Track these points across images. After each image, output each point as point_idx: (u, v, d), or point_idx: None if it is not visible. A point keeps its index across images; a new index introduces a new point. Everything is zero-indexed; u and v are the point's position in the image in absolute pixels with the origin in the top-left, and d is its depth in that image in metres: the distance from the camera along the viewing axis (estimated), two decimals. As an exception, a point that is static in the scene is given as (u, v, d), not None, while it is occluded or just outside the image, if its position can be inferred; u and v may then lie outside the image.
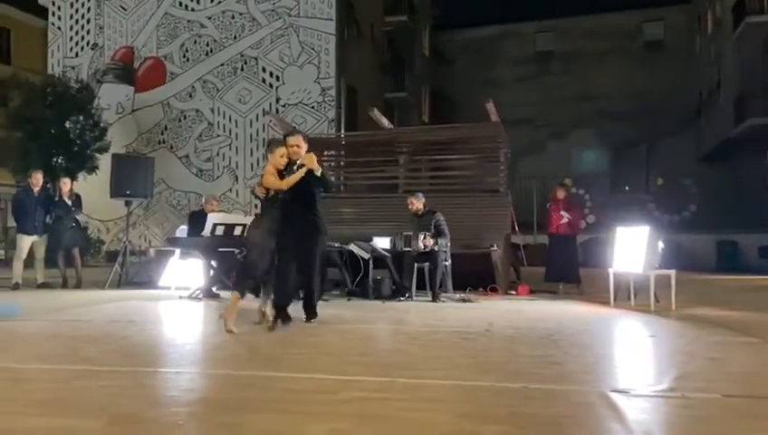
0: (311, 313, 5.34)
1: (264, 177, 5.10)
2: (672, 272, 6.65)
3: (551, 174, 23.88)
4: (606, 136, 26.86)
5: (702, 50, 26.29)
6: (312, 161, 5.10)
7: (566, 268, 8.79)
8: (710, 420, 2.58)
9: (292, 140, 5.28)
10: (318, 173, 5.16)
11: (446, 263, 7.95)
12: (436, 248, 7.64)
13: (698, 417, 2.61)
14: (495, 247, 8.43)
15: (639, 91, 26.55)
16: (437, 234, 7.70)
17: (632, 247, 6.90)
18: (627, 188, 23.02)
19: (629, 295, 7.06)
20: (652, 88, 26.30)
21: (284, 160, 5.14)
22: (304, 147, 5.28)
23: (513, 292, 8.61)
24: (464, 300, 7.56)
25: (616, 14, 28.15)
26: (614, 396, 2.85)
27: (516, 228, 9.62)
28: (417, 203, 7.99)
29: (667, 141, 25.62)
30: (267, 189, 5.07)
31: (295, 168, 5.11)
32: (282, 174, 5.09)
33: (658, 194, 24.38)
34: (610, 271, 7.19)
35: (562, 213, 8.89)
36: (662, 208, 23.03)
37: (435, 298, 7.56)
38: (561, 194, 9.12)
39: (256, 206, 5.51)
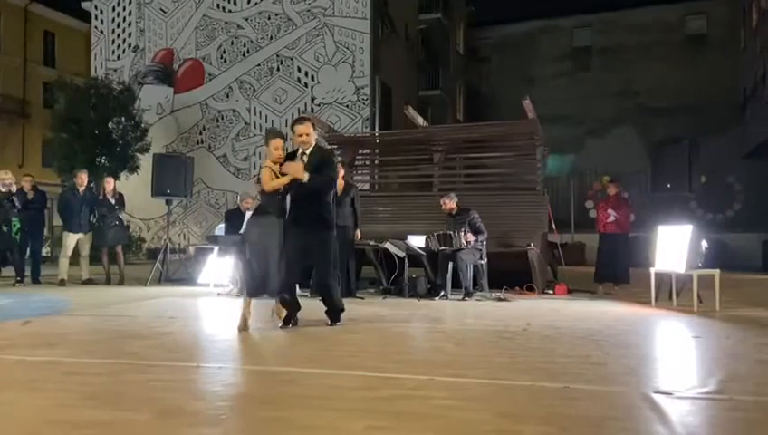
0: (333, 316, 5.12)
1: (263, 175, 4.91)
2: (716, 271, 6.48)
3: (589, 172, 23.53)
4: (646, 132, 26.27)
5: (747, 43, 25.47)
6: (297, 171, 4.77)
7: (615, 268, 8.55)
8: (759, 423, 2.51)
9: (300, 128, 5.00)
10: (305, 180, 4.79)
11: (482, 262, 7.89)
12: (470, 245, 7.59)
13: (746, 420, 2.54)
14: (532, 246, 8.33)
15: (681, 86, 25.87)
16: (475, 232, 7.68)
17: (674, 247, 6.74)
18: (668, 185, 22.42)
19: (671, 295, 6.90)
20: (695, 83, 25.61)
21: (279, 154, 4.90)
22: (314, 133, 5.03)
23: (551, 291, 8.50)
24: (500, 299, 7.51)
25: (657, 7, 27.46)
26: (658, 398, 2.80)
27: (554, 227, 9.48)
28: (450, 203, 7.97)
29: (710, 138, 24.86)
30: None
31: (303, 157, 4.94)
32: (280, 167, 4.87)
33: (701, 192, 23.72)
34: (652, 270, 7.04)
35: (609, 211, 8.66)
36: (705, 207, 22.43)
37: (466, 295, 7.49)
38: (612, 190, 8.83)
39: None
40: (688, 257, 6.46)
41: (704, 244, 6.77)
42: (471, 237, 7.58)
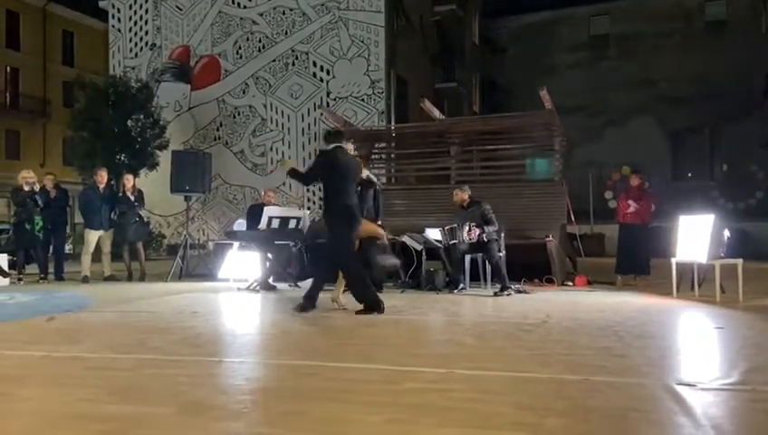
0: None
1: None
2: (739, 261, 6.39)
3: (608, 162, 23.28)
4: (666, 122, 25.89)
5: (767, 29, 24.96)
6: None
7: (636, 260, 8.45)
8: (784, 415, 2.48)
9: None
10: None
11: (500, 254, 7.83)
12: (485, 238, 7.49)
13: (772, 412, 2.51)
14: (551, 237, 8.26)
15: (701, 74, 25.41)
16: (485, 222, 7.55)
17: (696, 236, 6.65)
18: (689, 175, 22.12)
19: (693, 286, 6.81)
20: (715, 70, 25.12)
21: None
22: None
23: (570, 283, 8.44)
24: (519, 291, 7.45)
25: (675, -6, 27.00)
26: (680, 389, 2.77)
27: (573, 218, 9.40)
28: (462, 194, 7.88)
29: (731, 126, 24.50)
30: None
31: None
32: None
33: (723, 181, 23.36)
34: (673, 261, 6.95)
35: (629, 202, 8.57)
36: (727, 195, 22.10)
37: (503, 289, 7.22)
38: (634, 181, 8.73)
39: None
40: (710, 247, 6.37)
41: (726, 233, 6.67)
42: (475, 233, 7.46)
